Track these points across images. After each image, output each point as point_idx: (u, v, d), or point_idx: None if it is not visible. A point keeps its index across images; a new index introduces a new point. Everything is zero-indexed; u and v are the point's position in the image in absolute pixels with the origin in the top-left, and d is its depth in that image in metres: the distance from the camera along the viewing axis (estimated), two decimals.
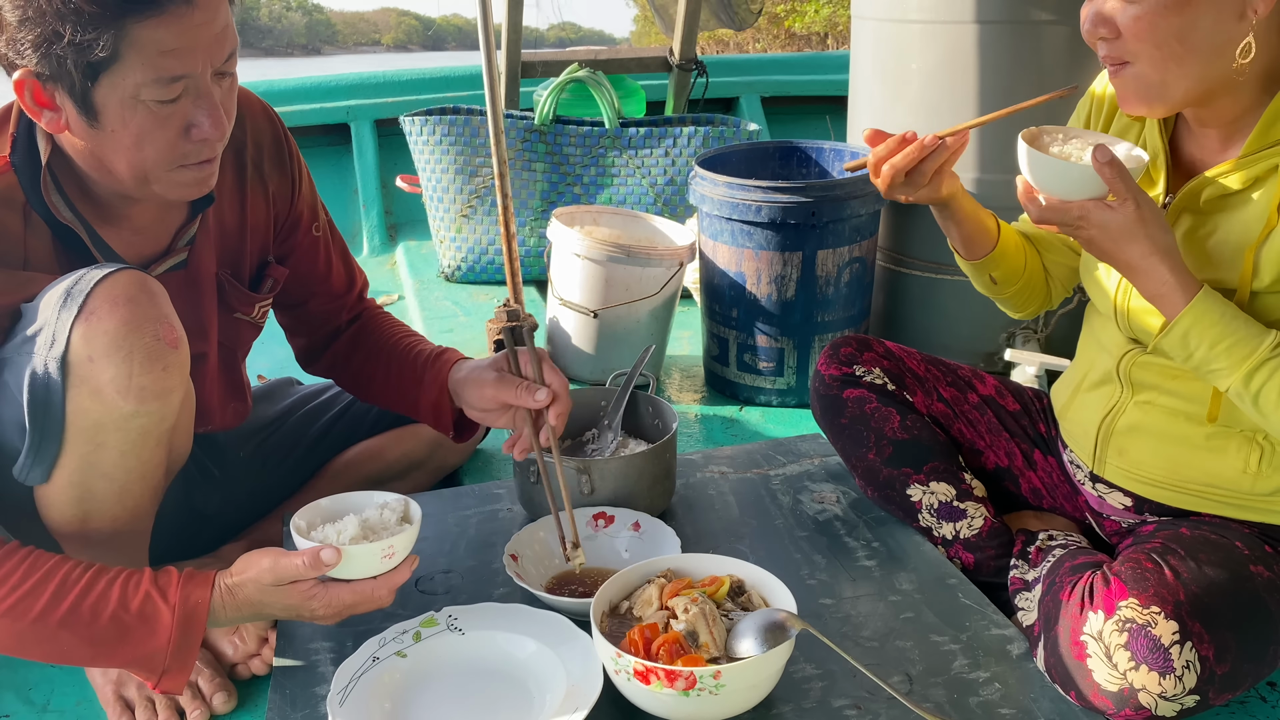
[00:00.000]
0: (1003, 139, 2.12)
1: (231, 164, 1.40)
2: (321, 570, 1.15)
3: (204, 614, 1.15)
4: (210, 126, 1.18)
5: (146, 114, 1.14)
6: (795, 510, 1.57)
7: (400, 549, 1.21)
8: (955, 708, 1.15)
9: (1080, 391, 1.39)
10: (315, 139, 3.69)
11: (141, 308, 1.16)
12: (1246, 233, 1.15)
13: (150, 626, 1.13)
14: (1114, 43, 1.14)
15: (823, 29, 13.11)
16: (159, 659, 1.14)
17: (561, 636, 1.23)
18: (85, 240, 1.25)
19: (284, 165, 1.47)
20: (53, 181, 1.22)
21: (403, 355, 1.54)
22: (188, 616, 1.14)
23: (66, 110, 1.15)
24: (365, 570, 1.19)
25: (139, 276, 1.18)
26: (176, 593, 1.15)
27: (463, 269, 3.03)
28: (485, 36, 2.29)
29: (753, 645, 1.11)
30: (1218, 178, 1.17)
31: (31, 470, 1.21)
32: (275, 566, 1.16)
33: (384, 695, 1.17)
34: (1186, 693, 1.09)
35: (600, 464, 1.49)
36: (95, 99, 1.13)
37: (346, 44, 39.31)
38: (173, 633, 1.14)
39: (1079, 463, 1.40)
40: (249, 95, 1.44)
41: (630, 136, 2.91)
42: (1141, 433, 1.29)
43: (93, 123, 1.15)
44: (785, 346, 2.16)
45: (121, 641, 1.13)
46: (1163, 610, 1.10)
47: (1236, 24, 1.09)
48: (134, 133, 1.15)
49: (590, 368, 2.29)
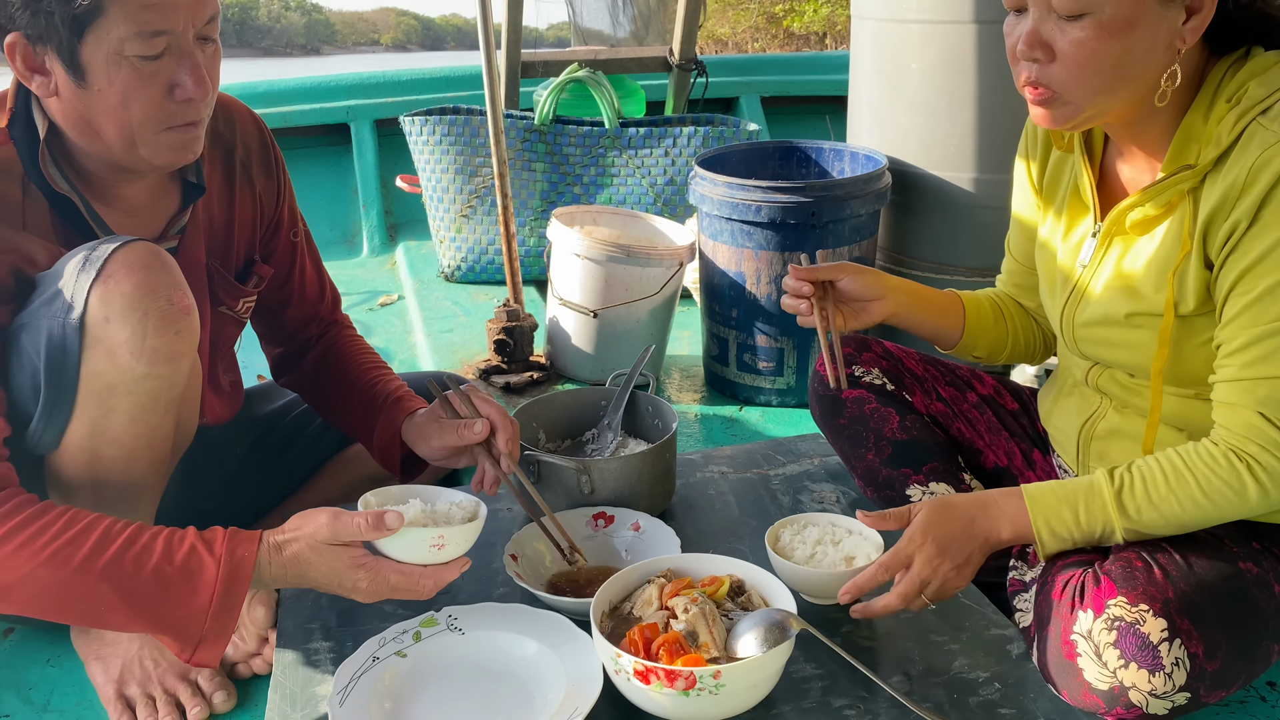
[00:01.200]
0: (1001, 139, 2.13)
1: (221, 163, 1.45)
2: (383, 532, 1.15)
3: (249, 570, 1.14)
4: (193, 85, 1.22)
5: (131, 71, 1.19)
6: (795, 510, 1.57)
7: (451, 543, 1.19)
8: (955, 708, 1.15)
9: (1060, 396, 1.40)
10: (315, 139, 3.69)
11: (156, 273, 1.20)
12: (1167, 258, 1.17)
13: (193, 582, 1.12)
14: (1045, 68, 1.11)
15: (821, 29, 13.11)
16: (198, 622, 1.13)
17: (561, 636, 1.23)
18: (82, 212, 1.28)
19: (270, 169, 1.53)
20: (50, 156, 1.26)
21: (364, 391, 1.56)
22: (233, 571, 1.13)
23: (56, 74, 1.20)
24: (412, 554, 1.18)
25: (153, 247, 1.22)
26: (222, 545, 1.14)
27: (463, 269, 3.03)
28: (485, 36, 2.30)
29: (753, 645, 1.11)
30: (1136, 205, 1.19)
31: (45, 434, 1.22)
32: (334, 522, 1.16)
33: (384, 695, 1.17)
34: (1177, 690, 1.09)
35: (600, 464, 1.49)
36: (82, 56, 1.17)
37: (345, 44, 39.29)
38: (216, 588, 1.12)
39: (1066, 467, 1.41)
40: (238, 102, 1.50)
41: (630, 136, 2.91)
42: (1121, 437, 1.30)
43: (80, 82, 1.19)
44: (785, 346, 2.16)
45: (163, 598, 1.12)
46: (1151, 608, 1.10)
47: (1164, 53, 1.10)
48: (119, 90, 1.19)
49: (590, 368, 2.29)
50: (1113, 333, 1.24)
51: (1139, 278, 1.20)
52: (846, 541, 1.34)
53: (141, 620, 1.14)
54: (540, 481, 1.50)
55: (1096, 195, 1.26)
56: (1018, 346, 1.52)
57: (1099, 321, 1.25)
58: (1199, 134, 1.13)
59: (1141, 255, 1.20)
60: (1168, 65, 1.11)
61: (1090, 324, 1.27)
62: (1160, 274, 1.17)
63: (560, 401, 1.69)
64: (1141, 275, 1.20)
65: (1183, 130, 1.14)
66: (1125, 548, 1.21)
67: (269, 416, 1.73)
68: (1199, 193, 1.13)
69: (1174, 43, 1.09)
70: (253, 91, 3.64)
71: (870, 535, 1.34)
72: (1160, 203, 1.16)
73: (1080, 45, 1.08)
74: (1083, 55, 1.08)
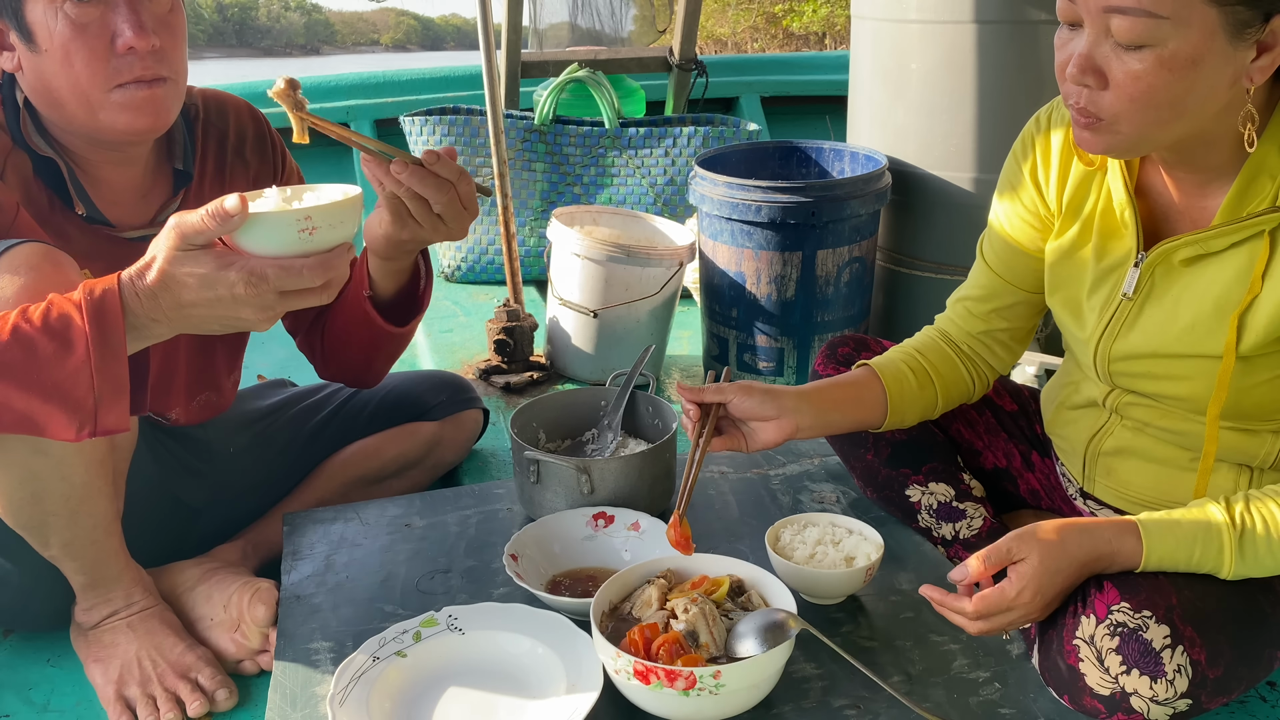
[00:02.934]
0: (1001, 139, 2.13)
1: (214, 152, 1.45)
2: (226, 221, 1.02)
3: (116, 305, 1.03)
4: (133, 34, 1.21)
5: (66, 22, 1.20)
6: (795, 510, 1.57)
7: (324, 225, 1.06)
8: (955, 708, 1.15)
9: (1065, 408, 1.37)
10: (315, 139, 3.68)
11: (44, 276, 1.09)
12: (1229, 297, 1.11)
13: (62, 338, 1.01)
14: (1095, 94, 1.03)
15: (820, 29, 13.11)
16: (83, 379, 1.02)
17: (561, 636, 1.23)
18: (64, 176, 1.27)
19: (265, 151, 1.51)
20: (31, 123, 1.27)
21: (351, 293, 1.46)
22: (99, 311, 1.02)
23: (17, 47, 1.22)
24: (282, 244, 1.05)
25: (45, 248, 1.12)
26: (80, 292, 1.04)
27: (463, 269, 3.03)
28: (485, 36, 2.30)
29: (753, 645, 1.11)
30: (1197, 241, 1.12)
31: None
32: (179, 226, 1.04)
33: (384, 695, 1.17)
34: (1178, 696, 1.08)
35: (600, 464, 1.49)
36: (27, 18, 1.20)
37: (345, 44, 39.30)
38: (89, 338, 1.01)
39: (1070, 477, 1.40)
40: (232, 96, 1.50)
41: (630, 136, 2.91)
42: (1129, 454, 1.28)
43: (31, 46, 1.22)
44: (785, 346, 2.16)
45: (34, 365, 1.01)
46: (1154, 614, 1.09)
47: (1226, 91, 1.02)
48: (60, 45, 1.21)
49: (590, 368, 2.29)
50: (1158, 367, 1.18)
51: (1193, 317, 1.14)
52: (847, 541, 1.34)
53: (20, 399, 1.02)
54: (540, 481, 1.50)
55: (1140, 222, 1.18)
56: (950, 403, 1.43)
57: (1143, 356, 1.19)
58: (1272, 168, 1.07)
59: (1197, 293, 1.13)
60: (1231, 103, 1.03)
61: (1132, 358, 1.20)
62: (1219, 315, 1.11)
63: (560, 401, 1.69)
64: (1196, 314, 1.13)
65: (1252, 164, 1.07)
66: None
67: (263, 415, 1.72)
68: (1278, 234, 1.08)
69: (1239, 81, 1.01)
70: (253, 91, 3.62)
71: (871, 536, 1.34)
72: (1225, 240, 1.10)
73: (1137, 79, 0.99)
74: (1138, 89, 1.00)
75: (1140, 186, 1.20)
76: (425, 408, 1.77)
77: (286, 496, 1.68)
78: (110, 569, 1.34)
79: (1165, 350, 1.17)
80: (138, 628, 1.35)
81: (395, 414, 1.75)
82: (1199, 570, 1.11)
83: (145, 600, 1.37)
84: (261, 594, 1.38)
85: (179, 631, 1.37)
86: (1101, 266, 1.23)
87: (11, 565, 1.35)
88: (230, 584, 1.41)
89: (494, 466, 1.91)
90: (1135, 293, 1.19)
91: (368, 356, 1.53)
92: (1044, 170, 1.28)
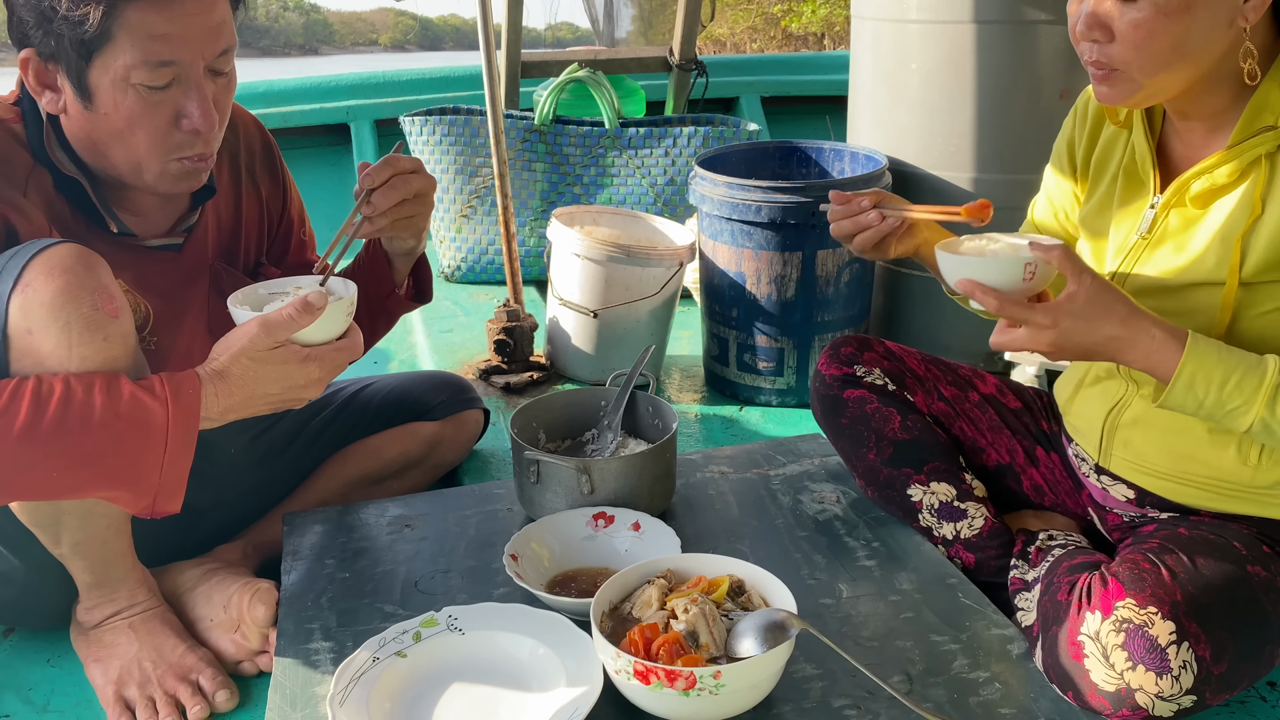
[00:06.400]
0: (1001, 139, 2.13)
1: (228, 166, 1.46)
2: (313, 314, 1.16)
3: (197, 407, 1.11)
4: (200, 117, 1.21)
5: (136, 98, 1.19)
6: (795, 510, 1.57)
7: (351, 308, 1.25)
8: (955, 708, 1.15)
9: (1084, 386, 1.39)
10: (315, 139, 3.68)
11: (78, 278, 1.12)
12: (1233, 223, 1.16)
13: (143, 429, 1.08)
14: (1105, 47, 1.13)
15: (820, 29, 13.11)
16: (153, 471, 1.10)
17: (561, 636, 1.23)
18: (89, 193, 1.27)
19: (274, 171, 1.54)
20: (56, 141, 1.26)
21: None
22: (182, 412, 1.10)
23: (66, 93, 1.21)
24: (334, 328, 1.22)
25: (77, 248, 1.15)
26: (164, 388, 1.11)
27: (463, 269, 3.03)
28: (485, 36, 2.30)
29: (753, 645, 1.11)
30: (1204, 171, 1.18)
31: None
32: (265, 324, 1.15)
33: (384, 695, 1.17)
34: (1183, 693, 1.09)
35: (600, 464, 1.49)
36: (89, 79, 1.18)
37: (344, 44, 39.27)
38: (169, 431, 1.09)
39: (1084, 455, 1.40)
40: (238, 107, 1.50)
41: (630, 136, 2.91)
42: (1146, 425, 1.29)
43: (88, 104, 1.20)
44: (785, 346, 2.16)
45: (116, 452, 1.08)
46: (1160, 610, 1.10)
47: (1225, 31, 1.10)
48: (125, 116, 1.19)
49: (590, 368, 2.29)
50: (1167, 302, 1.23)
51: (1200, 246, 1.19)
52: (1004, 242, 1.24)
53: (96, 479, 1.10)
54: (540, 482, 1.50)
55: (1157, 169, 1.25)
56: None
57: (1152, 290, 1.24)
58: (1274, 104, 1.13)
59: (1204, 224, 1.19)
60: (1231, 42, 1.11)
61: (1142, 293, 1.25)
62: (1225, 241, 1.16)
63: (560, 401, 1.69)
64: (1203, 243, 1.19)
65: (1255, 102, 1.14)
66: (1132, 550, 1.21)
67: (265, 416, 1.72)
68: (1276, 157, 1.13)
69: (1236, 20, 1.10)
70: (252, 91, 3.64)
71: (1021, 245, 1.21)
72: (1234, 168, 1.16)
73: (1137, 26, 1.09)
74: (1140, 36, 1.10)
75: (1160, 147, 1.28)
76: (426, 408, 1.77)
77: (288, 497, 1.68)
78: (117, 569, 1.35)
79: (1174, 281, 1.21)
80: (139, 628, 1.35)
81: (396, 414, 1.75)
82: (1224, 406, 1.11)
83: (148, 601, 1.38)
84: (261, 594, 1.38)
85: (180, 632, 1.37)
86: (1122, 218, 1.29)
87: (17, 561, 1.35)
88: (230, 584, 1.41)
89: (494, 466, 1.91)
90: (1149, 231, 1.25)
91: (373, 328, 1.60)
92: (1080, 138, 1.38)
